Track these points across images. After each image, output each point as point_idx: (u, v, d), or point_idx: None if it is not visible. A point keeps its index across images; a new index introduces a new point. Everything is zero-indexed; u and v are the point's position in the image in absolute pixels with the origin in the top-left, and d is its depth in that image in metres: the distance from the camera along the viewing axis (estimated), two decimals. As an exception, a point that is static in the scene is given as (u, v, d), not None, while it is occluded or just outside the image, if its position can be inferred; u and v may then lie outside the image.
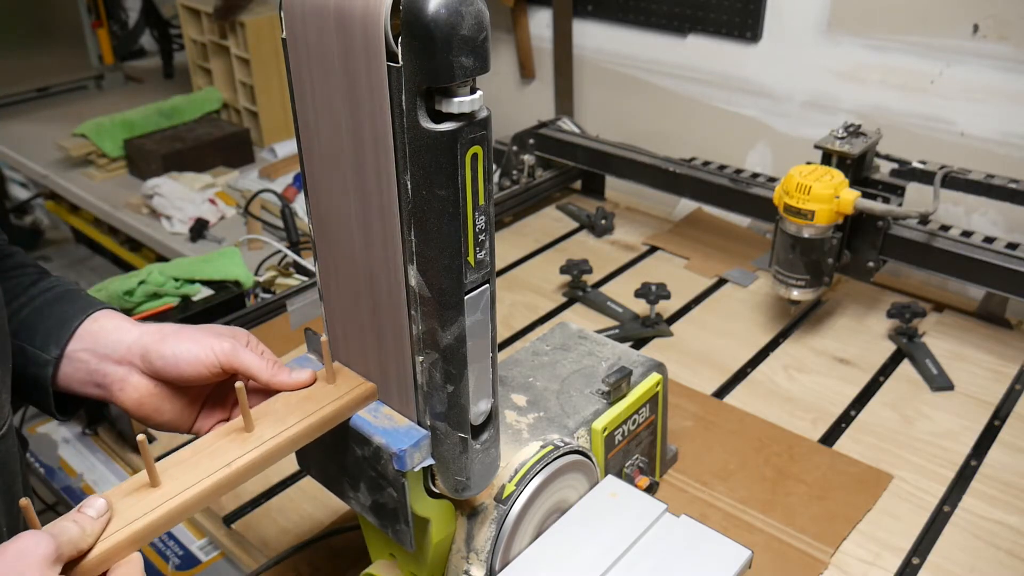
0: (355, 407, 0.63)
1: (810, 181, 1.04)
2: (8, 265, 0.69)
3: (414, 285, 0.55)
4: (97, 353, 0.65)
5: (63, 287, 0.69)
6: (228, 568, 0.89)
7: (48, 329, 0.65)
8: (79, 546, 0.49)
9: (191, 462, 0.57)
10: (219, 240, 1.71)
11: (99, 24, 2.58)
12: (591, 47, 1.77)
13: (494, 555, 0.67)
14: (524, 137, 1.56)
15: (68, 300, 0.67)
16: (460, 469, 0.61)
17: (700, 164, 1.39)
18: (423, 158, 0.50)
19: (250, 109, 2.10)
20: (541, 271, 1.36)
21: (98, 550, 0.50)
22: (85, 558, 0.49)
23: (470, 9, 0.47)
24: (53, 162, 2.08)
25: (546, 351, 0.88)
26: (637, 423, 0.83)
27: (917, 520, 0.87)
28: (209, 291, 1.27)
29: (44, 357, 0.64)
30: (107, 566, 0.50)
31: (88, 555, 0.49)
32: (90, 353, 0.65)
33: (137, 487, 0.54)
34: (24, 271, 0.69)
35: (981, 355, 1.12)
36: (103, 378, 0.64)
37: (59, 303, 0.67)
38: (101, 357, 0.64)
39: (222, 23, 2.02)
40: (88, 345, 0.65)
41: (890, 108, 1.40)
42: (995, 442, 0.98)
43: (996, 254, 1.07)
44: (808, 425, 1.01)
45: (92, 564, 0.49)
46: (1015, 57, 1.25)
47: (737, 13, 1.52)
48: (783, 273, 1.12)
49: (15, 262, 0.70)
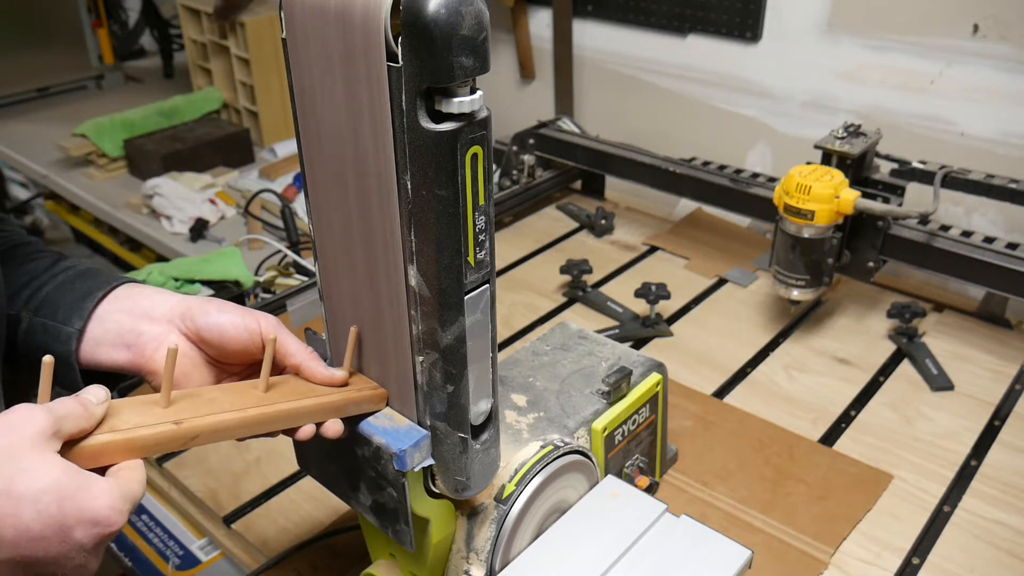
0: (367, 404, 0.62)
1: (810, 181, 1.04)
2: (28, 251, 0.69)
3: (414, 285, 0.55)
4: (134, 312, 0.63)
5: (85, 266, 0.68)
6: (228, 568, 0.89)
7: (71, 303, 0.63)
8: (80, 425, 0.46)
9: (205, 398, 0.56)
10: (219, 240, 1.71)
11: (99, 24, 2.58)
12: (591, 47, 1.77)
13: (494, 555, 0.67)
14: (524, 137, 1.56)
15: (91, 276, 0.66)
16: (460, 469, 0.61)
17: (700, 164, 1.39)
18: (423, 158, 0.50)
19: (250, 109, 2.10)
20: (541, 271, 1.36)
21: (100, 437, 0.47)
22: (86, 439, 0.46)
23: (470, 9, 0.47)
24: (53, 162, 2.08)
25: (546, 351, 0.88)
26: (637, 423, 0.83)
27: (917, 520, 0.87)
28: (209, 291, 1.27)
29: (67, 331, 0.62)
30: (109, 458, 0.48)
31: (89, 438, 0.47)
32: (126, 313, 0.63)
33: (147, 402, 0.53)
34: (44, 255, 0.69)
35: (981, 355, 1.12)
36: (136, 337, 0.62)
37: (82, 279, 0.66)
38: (138, 316, 0.63)
39: (222, 23, 2.02)
40: (125, 306, 0.63)
41: (890, 108, 1.40)
42: (995, 442, 0.98)
43: (996, 254, 1.07)
44: (808, 425, 1.01)
45: (94, 448, 0.47)
46: (1015, 57, 1.25)
47: (737, 13, 1.52)
48: (783, 273, 1.12)
49: (33, 248, 0.69)
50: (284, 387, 0.60)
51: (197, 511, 0.94)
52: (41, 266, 0.67)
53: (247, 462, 0.97)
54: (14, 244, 0.69)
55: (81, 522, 0.45)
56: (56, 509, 0.44)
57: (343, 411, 0.62)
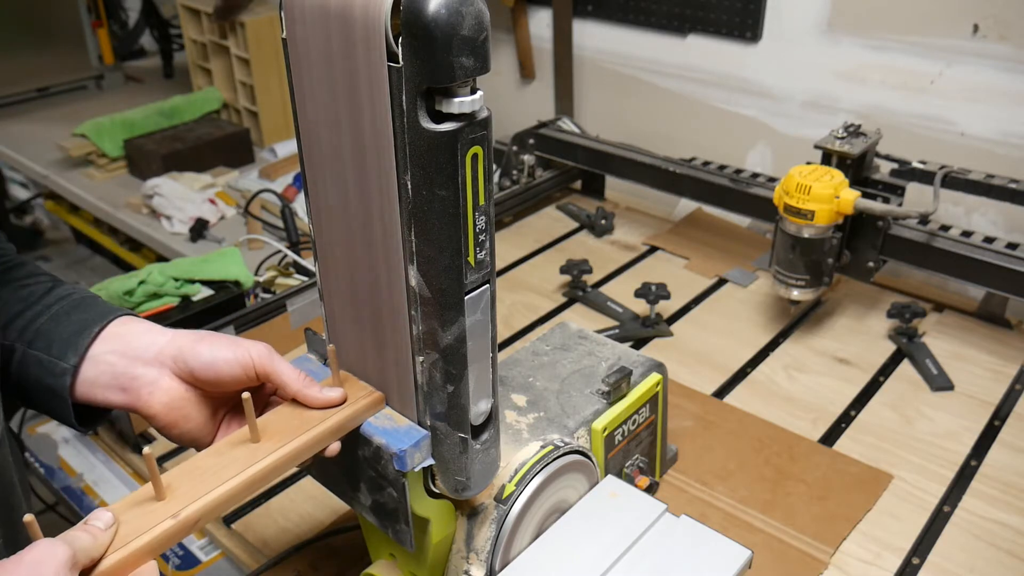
0: (363, 416, 0.62)
1: (810, 181, 1.04)
2: (20, 275, 0.68)
3: (414, 285, 0.55)
4: (127, 355, 0.63)
5: (79, 294, 0.67)
6: (228, 568, 0.89)
7: (66, 337, 0.63)
8: (91, 554, 0.48)
9: (197, 474, 0.56)
10: (219, 240, 1.71)
11: (99, 24, 2.58)
12: (591, 47, 1.77)
13: (494, 555, 0.67)
14: (524, 137, 1.56)
15: (85, 308, 0.66)
16: (460, 469, 0.61)
17: (700, 164, 1.39)
18: (423, 158, 0.50)
19: (250, 109, 2.10)
20: (541, 271, 1.36)
21: (111, 560, 0.49)
22: (97, 567, 0.49)
23: (470, 9, 0.47)
24: (53, 162, 2.08)
25: (546, 351, 0.88)
26: (637, 423, 0.83)
27: (917, 520, 0.87)
28: (209, 291, 1.27)
29: (61, 366, 0.62)
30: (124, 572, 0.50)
31: (100, 564, 0.49)
32: (118, 355, 0.63)
33: (142, 500, 0.53)
34: (38, 280, 0.68)
35: (981, 355, 1.12)
36: (131, 381, 0.63)
37: (76, 311, 0.65)
38: (131, 359, 0.63)
39: (222, 23, 2.02)
40: (117, 347, 0.63)
41: (890, 108, 1.40)
42: (995, 442, 0.98)
43: (996, 254, 1.07)
44: (808, 425, 1.01)
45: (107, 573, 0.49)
46: (1015, 57, 1.25)
47: (737, 13, 1.52)
48: (783, 273, 1.12)
49: (26, 271, 0.69)
50: (276, 427, 0.60)
51: (197, 511, 0.94)
52: (35, 293, 0.66)
53: (247, 462, 0.97)
54: (8, 266, 0.68)
55: None
56: None
57: (341, 431, 0.61)
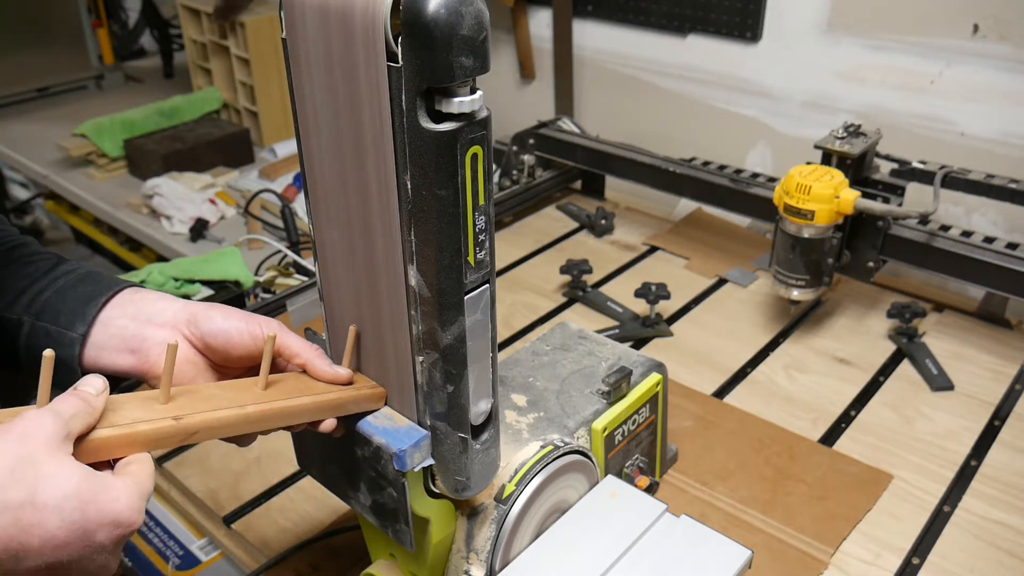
0: (365, 403, 0.62)
1: (810, 181, 1.04)
2: (24, 252, 0.68)
3: (414, 285, 0.55)
4: (138, 318, 0.63)
5: (85, 269, 0.67)
6: (228, 568, 0.89)
7: (72, 308, 0.63)
8: (86, 421, 0.47)
9: (202, 396, 0.56)
10: (219, 240, 1.71)
11: (99, 24, 2.57)
12: (591, 47, 1.77)
13: (494, 555, 0.67)
14: (524, 137, 1.56)
15: (92, 280, 0.66)
16: (460, 469, 0.61)
17: (700, 164, 1.39)
18: (423, 158, 0.50)
19: (250, 109, 2.10)
20: (541, 271, 1.36)
21: (102, 432, 0.47)
22: (90, 435, 0.47)
23: (470, 9, 0.47)
24: (53, 162, 2.08)
25: (546, 351, 0.88)
26: (637, 423, 0.83)
27: (917, 520, 0.87)
28: (209, 291, 1.27)
29: (70, 335, 0.62)
30: (109, 454, 0.48)
31: (92, 433, 0.47)
32: (130, 318, 0.63)
33: (147, 398, 0.53)
34: (42, 256, 0.68)
35: (981, 355, 1.12)
36: (141, 342, 0.62)
37: (83, 284, 0.65)
38: (142, 322, 0.63)
39: (222, 23, 2.02)
40: (129, 311, 0.63)
41: (890, 108, 1.40)
42: (995, 442, 0.98)
43: (996, 254, 1.07)
44: (808, 425, 1.01)
45: (97, 444, 0.47)
46: (1015, 57, 1.25)
47: (737, 13, 1.52)
48: (783, 273, 1.12)
49: (31, 250, 0.69)
50: (283, 385, 0.60)
51: (197, 511, 0.94)
52: (41, 269, 0.66)
53: (247, 462, 0.97)
54: (12, 245, 0.68)
55: (103, 525, 0.45)
56: (79, 515, 0.44)
57: (342, 409, 0.62)
